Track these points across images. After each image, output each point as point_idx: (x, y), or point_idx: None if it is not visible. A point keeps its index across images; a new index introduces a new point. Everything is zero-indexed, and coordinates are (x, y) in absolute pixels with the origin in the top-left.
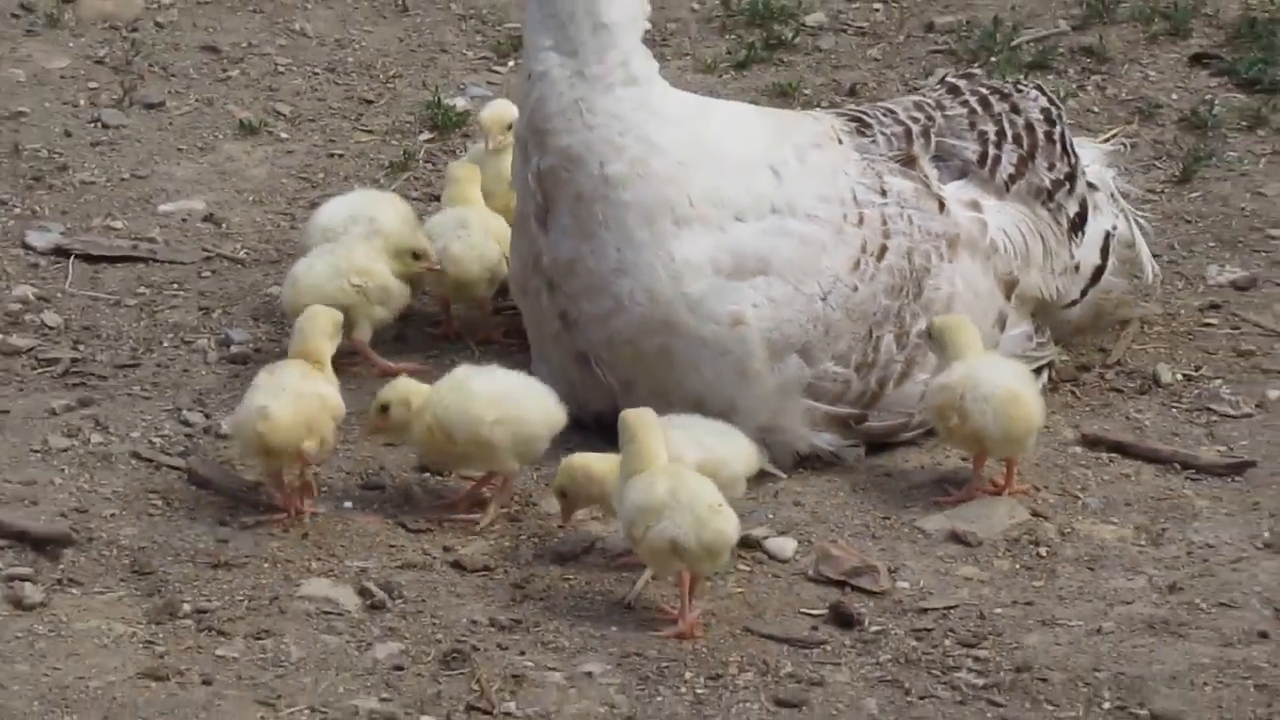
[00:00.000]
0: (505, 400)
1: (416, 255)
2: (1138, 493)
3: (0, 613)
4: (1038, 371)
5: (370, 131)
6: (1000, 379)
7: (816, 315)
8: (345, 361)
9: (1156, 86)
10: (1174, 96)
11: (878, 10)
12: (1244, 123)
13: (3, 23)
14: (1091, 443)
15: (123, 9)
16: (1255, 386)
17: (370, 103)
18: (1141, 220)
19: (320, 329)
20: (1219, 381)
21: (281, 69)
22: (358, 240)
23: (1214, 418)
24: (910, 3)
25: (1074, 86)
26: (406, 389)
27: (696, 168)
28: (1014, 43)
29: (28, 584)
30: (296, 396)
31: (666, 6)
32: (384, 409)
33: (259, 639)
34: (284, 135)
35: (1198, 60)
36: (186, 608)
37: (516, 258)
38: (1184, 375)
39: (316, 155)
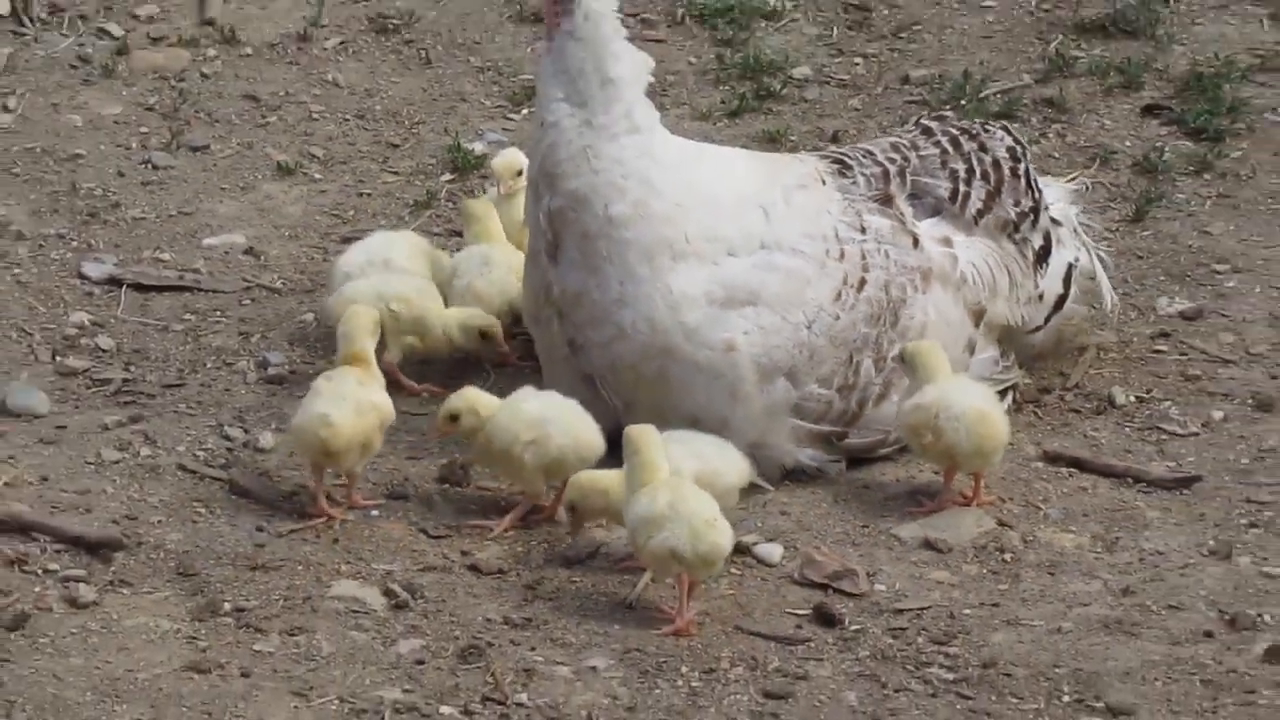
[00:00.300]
0: (545, 424)
1: (484, 335)
2: (1094, 504)
3: (57, 611)
4: (1003, 393)
5: (396, 173)
6: (970, 400)
7: (802, 342)
8: None
9: (1112, 134)
10: (1128, 144)
11: (858, 64)
12: (1191, 168)
13: (63, 73)
14: (1052, 458)
15: (171, 61)
16: (1201, 408)
17: (396, 147)
18: (1102, 254)
19: (363, 327)
20: (1168, 403)
21: (315, 116)
22: (407, 274)
23: (1163, 436)
24: (888, 57)
25: (1037, 134)
26: (475, 399)
27: (692, 208)
28: (982, 94)
29: (82, 584)
30: (356, 405)
31: (666, 60)
32: (453, 418)
33: (293, 635)
34: (317, 176)
35: (1149, 111)
36: (227, 606)
37: (529, 289)
38: (1136, 397)
39: (347, 194)
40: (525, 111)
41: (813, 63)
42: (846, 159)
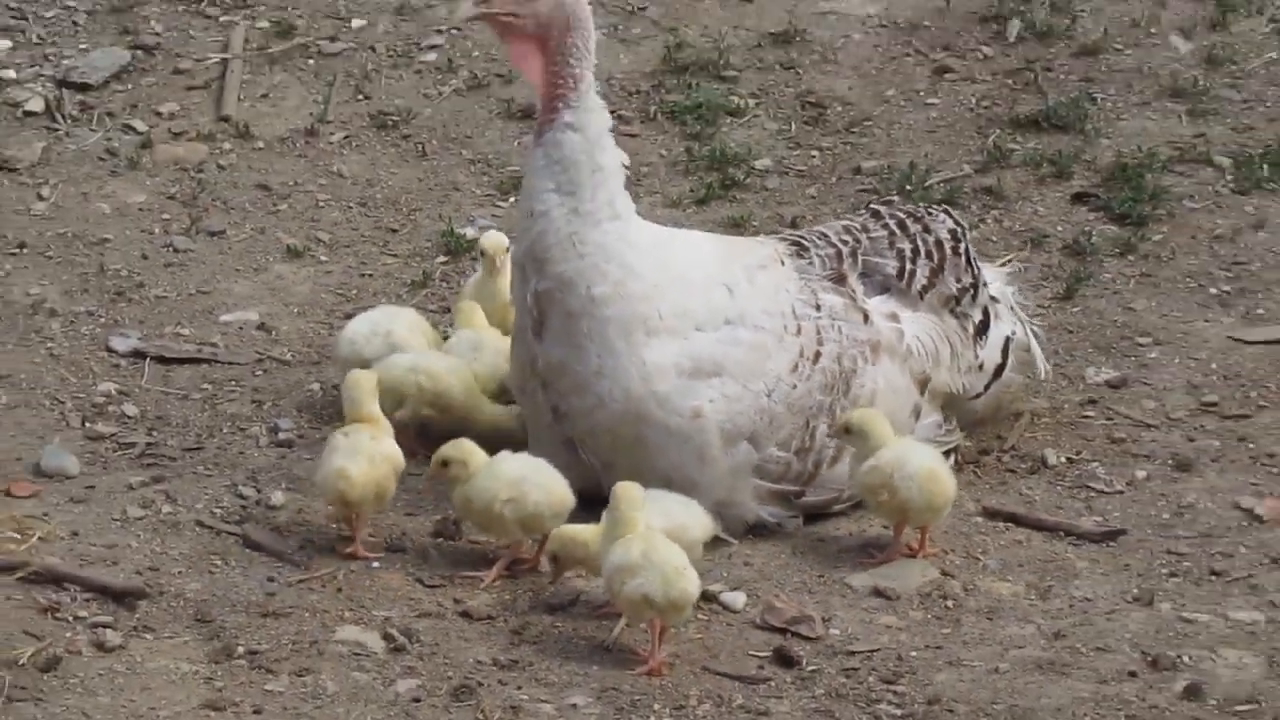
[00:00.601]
0: (522, 483)
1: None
2: (1029, 556)
3: (86, 654)
4: (946, 454)
5: (395, 255)
6: (922, 459)
7: (762, 409)
8: None
9: (1044, 220)
10: (1059, 228)
11: (814, 156)
12: (1117, 250)
13: (92, 165)
14: (991, 514)
15: (191, 154)
16: (1126, 468)
17: (395, 231)
18: (1036, 329)
19: (367, 391)
20: (1096, 464)
21: (322, 203)
22: (443, 355)
23: (1092, 494)
24: (841, 150)
25: (976, 219)
26: (468, 452)
27: (666, 287)
28: (927, 183)
29: (109, 630)
30: (370, 459)
31: (640, 153)
32: (445, 464)
33: (301, 676)
34: (324, 258)
35: (1078, 198)
36: (241, 650)
37: (515, 362)
38: (1067, 458)
39: (350, 275)
40: (512, 199)
41: (773, 155)
42: (804, 241)
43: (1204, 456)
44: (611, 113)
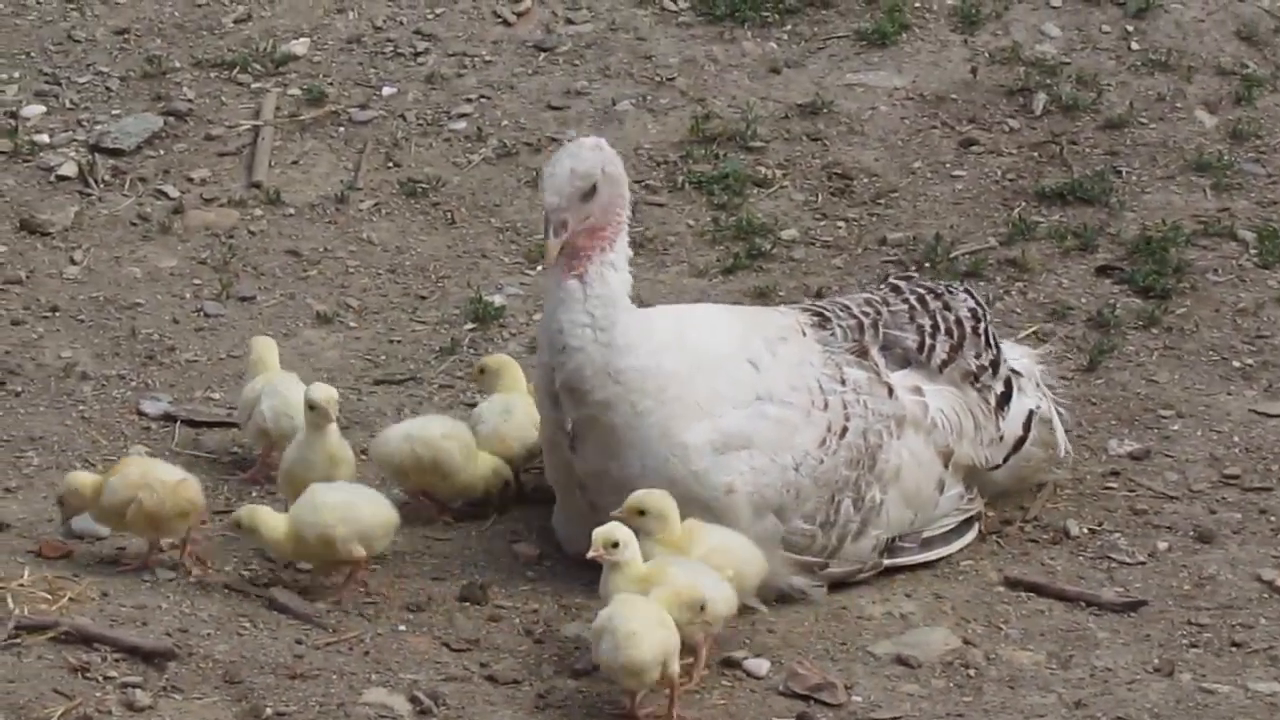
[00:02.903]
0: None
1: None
2: (1050, 625)
3: (115, 714)
4: (969, 522)
5: (424, 322)
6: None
7: (789, 483)
8: None
9: (1068, 292)
10: (1083, 300)
11: (840, 227)
12: (1140, 323)
13: (124, 230)
14: (1012, 583)
15: (222, 219)
16: (1147, 539)
17: (424, 298)
18: (1061, 409)
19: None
20: (1118, 534)
21: (351, 270)
22: (453, 424)
23: (1113, 564)
24: (867, 221)
25: (1000, 291)
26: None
27: (695, 376)
28: (952, 255)
29: (138, 690)
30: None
31: (668, 222)
32: (237, 525)
33: None
34: (352, 324)
35: (1103, 271)
36: (269, 711)
37: (549, 461)
38: (1089, 529)
39: (379, 341)
40: (539, 269)
41: (800, 225)
42: (825, 312)
43: (1225, 528)
44: (638, 182)
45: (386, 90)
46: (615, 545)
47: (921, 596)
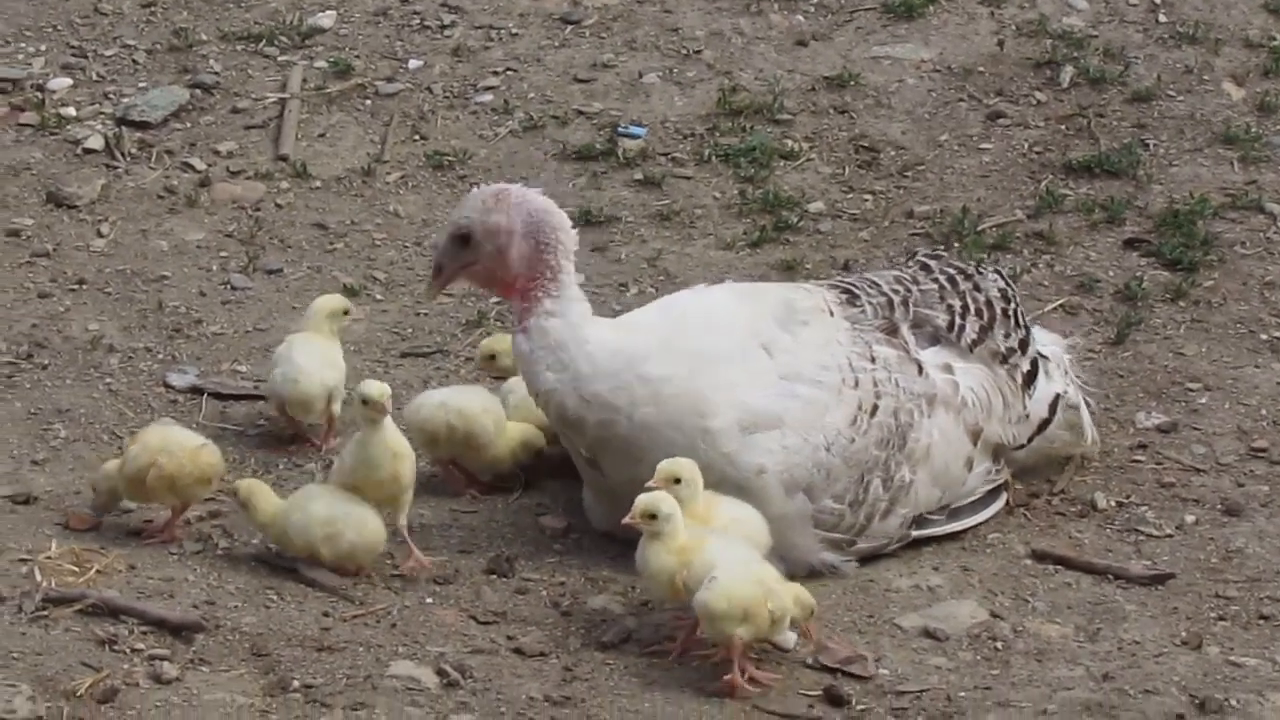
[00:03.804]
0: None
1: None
2: (1077, 598)
3: (143, 686)
4: (996, 491)
5: (450, 295)
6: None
7: (820, 462)
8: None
9: (1096, 265)
10: (1110, 273)
11: (867, 200)
12: (1168, 296)
13: (151, 203)
14: (1040, 557)
15: (249, 192)
16: (1175, 512)
17: None
18: (1089, 399)
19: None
20: (1145, 508)
21: (378, 243)
22: (487, 396)
23: (1141, 537)
24: (894, 194)
25: (1028, 264)
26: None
27: (700, 370)
28: (979, 228)
29: (166, 663)
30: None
31: (694, 195)
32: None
33: (355, 710)
34: (379, 297)
35: (1130, 244)
36: (296, 684)
37: (575, 461)
38: (1117, 502)
39: (406, 314)
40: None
41: (826, 199)
42: (854, 289)
43: (1253, 501)
44: (665, 155)
45: (413, 63)
46: (654, 517)
47: (949, 569)
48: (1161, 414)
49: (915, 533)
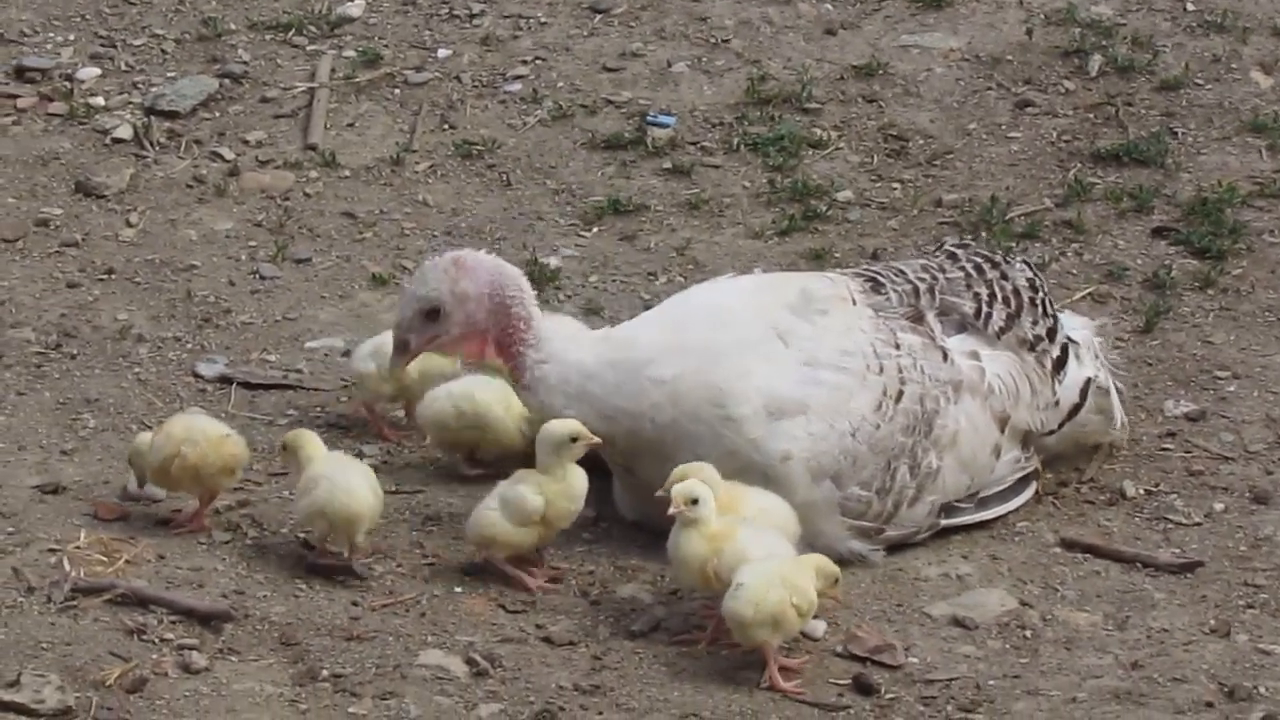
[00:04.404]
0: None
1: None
2: (1106, 586)
3: (172, 676)
4: (1026, 479)
5: None
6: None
7: (846, 449)
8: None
9: (1124, 253)
10: (1139, 261)
11: (896, 189)
12: (1196, 284)
13: (180, 193)
14: (1069, 545)
15: (278, 182)
16: (1204, 500)
17: None
18: (1119, 384)
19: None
20: (1174, 496)
21: (407, 232)
22: (484, 381)
23: (1170, 525)
24: (923, 183)
25: (1056, 253)
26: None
27: (710, 368)
28: (1008, 217)
29: (194, 652)
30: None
31: (723, 184)
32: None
33: (384, 699)
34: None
35: (1158, 232)
36: (325, 673)
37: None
38: (1145, 490)
39: None
40: (595, 229)
41: (855, 187)
42: (879, 278)
43: None
44: (694, 144)
45: (442, 52)
46: (695, 502)
47: (978, 558)
48: (1190, 402)
49: (944, 521)
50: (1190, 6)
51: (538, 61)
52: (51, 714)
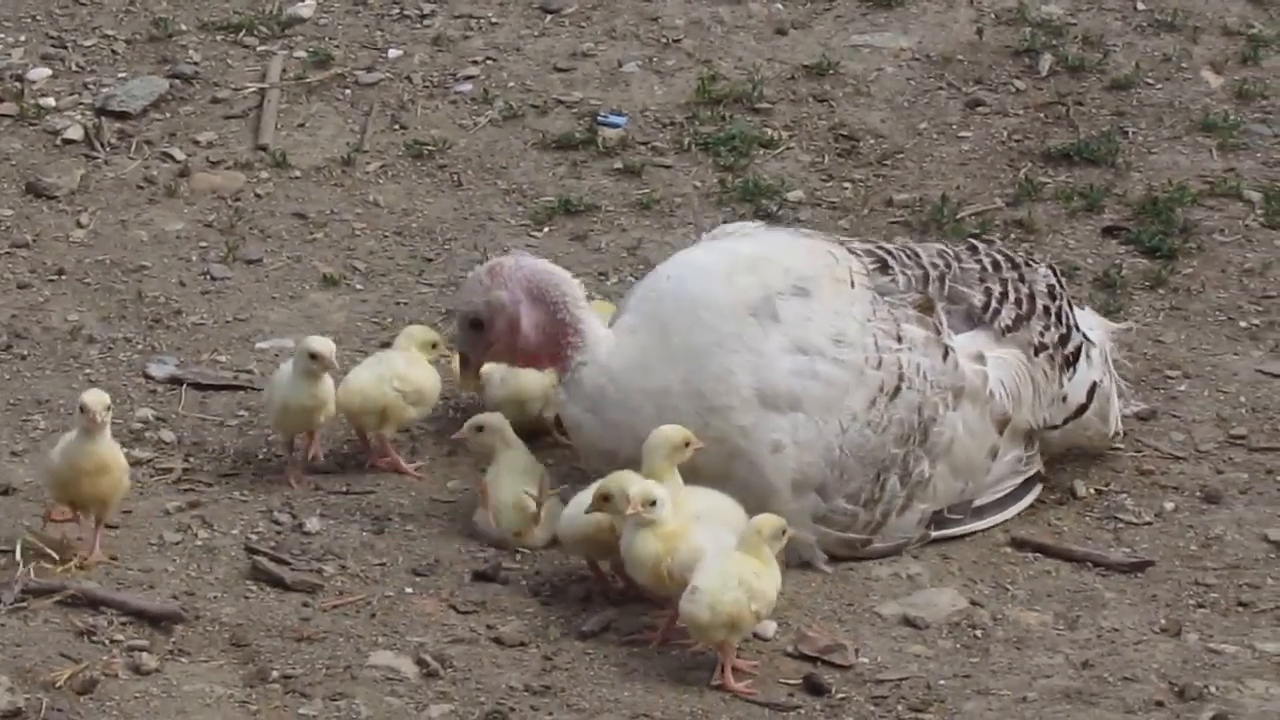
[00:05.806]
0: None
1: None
2: (1057, 585)
3: (122, 677)
4: (1029, 482)
5: (430, 284)
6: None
7: (834, 461)
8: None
9: (1075, 253)
10: (1089, 261)
11: (847, 189)
12: (1146, 283)
13: (130, 193)
14: (1019, 544)
15: (229, 182)
16: (1154, 500)
17: (430, 261)
18: (1122, 389)
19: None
20: (1124, 495)
21: (358, 232)
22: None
23: (1120, 525)
24: (873, 183)
25: None
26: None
27: (693, 374)
28: (958, 216)
29: (145, 653)
30: None
31: (674, 184)
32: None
33: (334, 700)
34: (359, 287)
35: (1109, 232)
36: (275, 674)
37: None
38: (1096, 490)
39: (386, 304)
40: (546, 230)
41: (806, 187)
42: (889, 258)
43: (1232, 489)
44: (644, 144)
45: (393, 52)
46: (654, 503)
47: (928, 558)
48: (1141, 401)
49: (936, 533)
50: (1141, 6)
51: (489, 62)
52: (1, 715)
